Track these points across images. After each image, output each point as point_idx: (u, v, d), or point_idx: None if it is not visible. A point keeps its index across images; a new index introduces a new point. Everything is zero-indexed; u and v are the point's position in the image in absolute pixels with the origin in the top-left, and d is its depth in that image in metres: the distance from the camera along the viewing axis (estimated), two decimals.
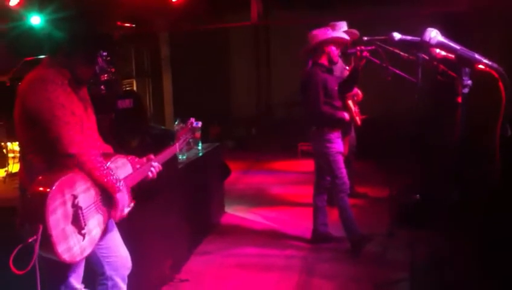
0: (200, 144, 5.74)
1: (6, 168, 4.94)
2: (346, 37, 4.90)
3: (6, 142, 4.94)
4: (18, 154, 5.10)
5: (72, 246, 2.51)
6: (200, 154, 5.65)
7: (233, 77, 11.42)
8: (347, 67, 5.97)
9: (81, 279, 2.85)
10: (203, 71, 10.77)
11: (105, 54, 4.96)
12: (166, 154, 3.16)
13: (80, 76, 2.76)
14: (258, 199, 6.94)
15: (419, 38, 2.61)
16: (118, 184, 2.71)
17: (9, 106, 2.79)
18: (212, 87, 10.87)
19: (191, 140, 3.54)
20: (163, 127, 7.29)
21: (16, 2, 5.98)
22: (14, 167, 4.96)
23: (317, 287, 4.24)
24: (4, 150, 5.05)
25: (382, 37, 4.47)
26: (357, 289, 4.17)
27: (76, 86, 2.76)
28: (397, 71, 4.91)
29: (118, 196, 2.72)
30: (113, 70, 5.32)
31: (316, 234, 5.16)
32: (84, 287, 2.89)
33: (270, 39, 10.87)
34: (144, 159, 3.03)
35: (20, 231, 2.49)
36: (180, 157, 5.16)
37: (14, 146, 5.15)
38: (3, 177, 4.83)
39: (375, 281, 4.24)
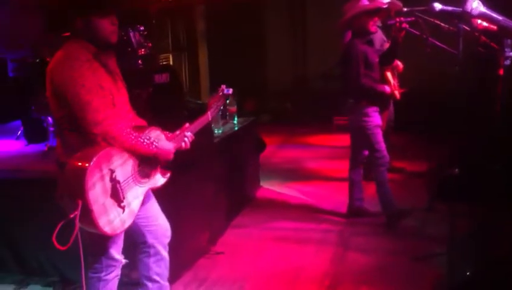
0: (235, 118, 5.75)
1: (47, 142, 5.06)
2: (383, 5, 4.76)
3: (47, 116, 5.05)
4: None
5: (113, 219, 2.57)
6: (236, 128, 5.66)
7: (268, 50, 11.32)
8: (387, 40, 5.84)
9: (121, 250, 2.92)
10: (238, 45, 10.70)
11: (142, 28, 4.98)
12: (199, 123, 3.14)
13: (105, 38, 2.71)
14: (293, 173, 6.92)
15: (460, 9, 2.54)
16: (153, 146, 2.75)
17: None
18: (247, 61, 10.80)
19: (227, 114, 3.53)
20: (199, 101, 7.32)
21: None
22: (54, 141, 5.08)
23: (354, 260, 4.23)
24: (44, 124, 5.17)
25: (422, 8, 4.35)
26: (393, 263, 4.15)
27: (104, 59, 2.75)
28: (437, 43, 4.77)
29: (157, 154, 2.77)
30: (150, 45, 5.36)
31: (351, 209, 5.13)
32: (124, 258, 2.96)
33: (306, 10, 10.70)
34: (177, 132, 3.03)
35: (60, 203, 2.56)
36: (216, 131, 5.19)
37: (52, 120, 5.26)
38: (44, 150, 4.95)
39: (412, 255, 4.20)
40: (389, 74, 5.57)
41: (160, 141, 2.83)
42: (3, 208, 4.04)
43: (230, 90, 3.27)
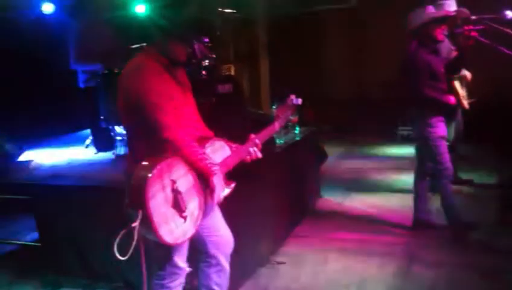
0: (297, 128, 5.73)
1: (114, 151, 5.21)
2: (451, 12, 4.63)
3: (114, 126, 5.20)
4: (125, 138, 5.42)
5: (174, 229, 2.59)
6: (297, 138, 5.64)
7: (329, 59, 11.25)
8: (454, 48, 5.67)
9: (185, 258, 2.95)
10: (298, 55, 10.70)
11: (206, 40, 5.07)
12: (266, 134, 3.14)
13: (176, 58, 2.83)
14: (356, 184, 6.82)
15: None
16: (214, 168, 2.75)
17: None
18: (308, 71, 10.78)
19: (289, 124, 3.50)
20: (261, 112, 7.35)
21: None
22: (122, 150, 5.23)
23: (419, 274, 4.11)
24: (112, 133, 5.33)
25: (492, 16, 4.21)
26: (461, 278, 3.99)
27: (174, 71, 2.83)
28: (508, 52, 4.59)
29: (214, 179, 2.75)
30: (213, 56, 5.44)
31: (416, 221, 5.00)
32: (189, 266, 2.99)
33: (367, 17, 10.58)
34: (245, 144, 3.03)
35: (127, 211, 2.62)
36: (277, 141, 5.19)
37: (121, 130, 5.42)
38: (111, 159, 5.11)
39: (480, 270, 4.04)
40: (457, 84, 5.40)
41: (219, 174, 2.81)
42: (72, 214, 4.19)
43: (300, 101, 3.24)
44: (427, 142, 4.67)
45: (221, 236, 3.04)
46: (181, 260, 2.91)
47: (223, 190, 2.86)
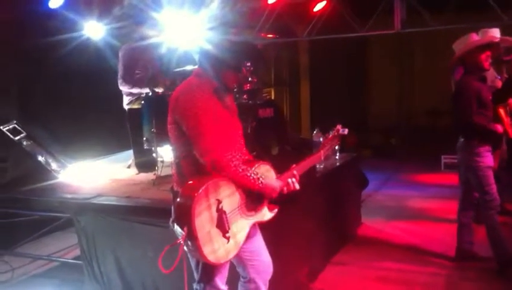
0: (337, 153, 5.69)
1: (155, 172, 5.27)
2: (495, 39, 4.56)
3: (156, 147, 5.28)
4: (166, 159, 5.49)
5: (217, 249, 2.61)
6: (338, 163, 5.59)
7: (372, 84, 11.20)
8: (498, 76, 5.56)
9: (225, 280, 2.96)
10: (340, 79, 10.68)
11: (248, 64, 5.11)
12: (309, 162, 3.14)
13: (226, 84, 2.91)
14: (398, 211, 6.71)
15: None
16: (258, 182, 2.77)
17: (163, 114, 2.99)
18: (349, 96, 10.74)
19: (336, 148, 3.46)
20: (301, 136, 7.33)
21: None
22: (163, 171, 5.29)
23: None
24: (154, 154, 5.40)
25: None
26: None
27: (223, 95, 2.90)
28: None
29: (262, 190, 2.79)
30: (255, 80, 5.48)
31: (460, 252, 4.86)
32: (228, 289, 2.99)
33: (413, 46, 10.49)
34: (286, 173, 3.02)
35: (172, 229, 2.66)
36: (317, 166, 5.15)
37: (162, 151, 5.49)
38: (153, 179, 5.17)
39: None
40: (502, 112, 5.27)
41: (267, 177, 2.86)
42: (114, 232, 4.25)
43: (346, 131, 3.22)
44: (474, 171, 4.56)
45: (262, 261, 3.03)
46: (221, 282, 2.92)
47: (271, 211, 2.89)
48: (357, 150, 6.96)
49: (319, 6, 8.03)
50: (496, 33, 5.11)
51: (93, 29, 6.43)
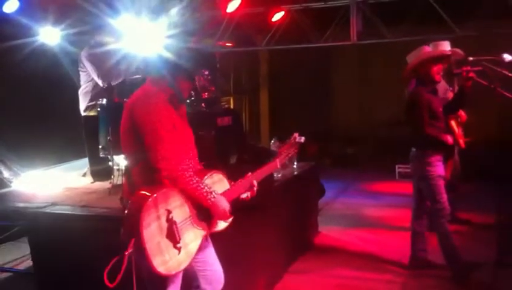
0: (295, 162, 5.72)
1: (111, 180, 5.18)
2: (446, 52, 4.70)
3: (112, 155, 5.19)
4: (122, 167, 5.40)
5: (168, 260, 2.56)
6: (295, 172, 5.63)
7: (331, 95, 11.33)
8: (450, 88, 5.72)
9: None
10: (299, 89, 10.76)
11: (206, 72, 5.11)
12: (265, 171, 3.13)
13: (181, 92, 2.90)
14: (354, 219, 6.79)
15: None
16: (210, 196, 2.75)
17: (120, 122, 2.94)
18: (309, 105, 10.83)
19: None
20: (260, 145, 7.35)
21: None
22: (119, 179, 5.21)
23: None
24: (110, 163, 5.31)
25: (490, 57, 4.26)
26: None
27: (177, 104, 2.88)
28: (506, 93, 4.62)
29: (211, 207, 2.76)
30: (213, 88, 5.47)
31: (414, 260, 4.95)
32: None
33: (372, 56, 10.67)
34: (240, 180, 3.02)
35: (123, 241, 2.60)
36: (275, 174, 5.17)
37: (118, 159, 5.40)
38: (108, 188, 5.08)
39: None
40: (453, 123, 5.42)
41: (218, 196, 2.82)
42: (68, 242, 4.14)
43: (303, 139, 3.23)
44: (425, 181, 4.66)
45: (214, 271, 3.01)
46: None
47: (225, 218, 2.85)
48: (317, 158, 7.02)
49: (277, 17, 8.11)
50: (446, 46, 5.26)
51: (49, 35, 6.29)
